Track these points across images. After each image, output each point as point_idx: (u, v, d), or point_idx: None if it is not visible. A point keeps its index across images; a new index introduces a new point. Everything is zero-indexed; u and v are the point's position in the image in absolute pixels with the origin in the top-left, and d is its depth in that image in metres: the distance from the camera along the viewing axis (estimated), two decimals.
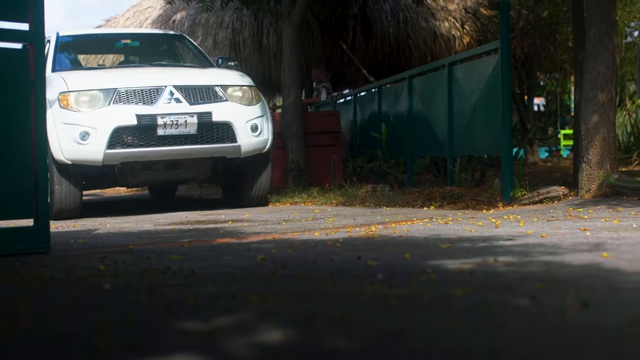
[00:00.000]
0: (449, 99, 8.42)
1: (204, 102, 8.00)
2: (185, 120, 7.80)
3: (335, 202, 8.43)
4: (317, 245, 4.13)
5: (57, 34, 9.35)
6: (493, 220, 5.09)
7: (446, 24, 15.26)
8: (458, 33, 15.26)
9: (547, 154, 20.54)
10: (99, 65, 12.26)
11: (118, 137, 7.69)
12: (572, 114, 12.39)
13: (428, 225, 5.07)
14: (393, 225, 5.19)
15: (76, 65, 9.51)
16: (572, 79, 13.85)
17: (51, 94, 7.55)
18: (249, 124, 8.17)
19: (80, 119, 7.71)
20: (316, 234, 4.84)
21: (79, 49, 10.34)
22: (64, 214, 7.93)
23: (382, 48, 15.11)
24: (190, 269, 3.32)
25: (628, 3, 15.32)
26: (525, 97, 16.96)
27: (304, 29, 13.26)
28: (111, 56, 13.32)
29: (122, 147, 7.71)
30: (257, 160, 8.38)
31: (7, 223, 4.85)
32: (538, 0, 14.72)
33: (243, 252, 4.00)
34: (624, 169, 9.13)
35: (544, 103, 24.05)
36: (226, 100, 8.14)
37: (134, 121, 7.70)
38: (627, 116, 15.48)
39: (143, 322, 2.27)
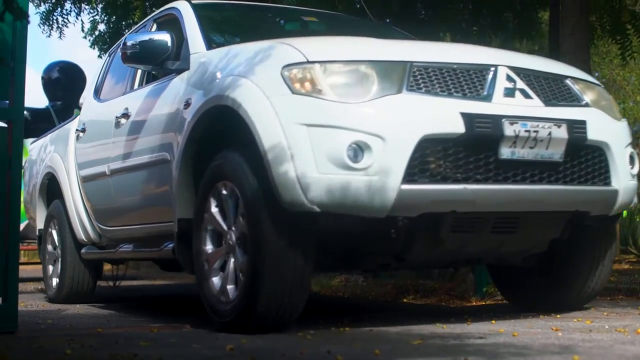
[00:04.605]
0: None
1: (562, 104, 4.38)
2: (549, 133, 4.07)
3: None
4: (287, 336, 4.09)
5: (189, 2, 5.58)
6: (465, 316, 5.08)
7: None
8: None
9: None
10: None
11: (423, 157, 3.82)
12: None
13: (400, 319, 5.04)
14: (365, 317, 5.15)
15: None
16: None
17: (258, 73, 4.09)
18: (627, 152, 4.51)
19: (344, 117, 3.79)
20: None
21: (224, 26, 5.85)
22: (292, 310, 4.22)
23: None
24: (158, 356, 3.27)
25: None
26: None
27: None
28: None
29: (430, 181, 3.84)
30: (607, 222, 4.63)
31: None
32: None
33: (212, 340, 3.96)
34: None
35: None
36: (586, 104, 4.50)
37: (459, 127, 3.87)
38: None
39: None
